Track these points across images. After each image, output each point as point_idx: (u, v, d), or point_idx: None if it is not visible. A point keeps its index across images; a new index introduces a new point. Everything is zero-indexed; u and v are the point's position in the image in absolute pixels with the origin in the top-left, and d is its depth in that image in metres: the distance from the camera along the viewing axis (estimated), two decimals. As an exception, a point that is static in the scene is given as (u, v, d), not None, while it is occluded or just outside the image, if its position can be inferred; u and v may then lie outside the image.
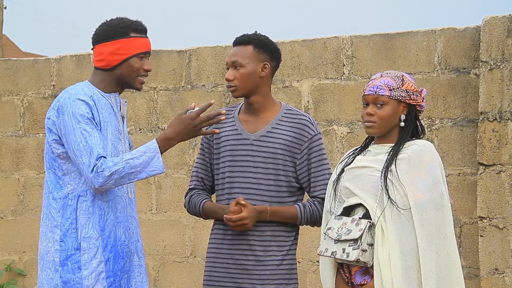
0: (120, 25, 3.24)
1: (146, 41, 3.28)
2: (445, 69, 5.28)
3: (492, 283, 4.97)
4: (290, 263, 3.31)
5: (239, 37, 3.35)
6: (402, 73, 3.19)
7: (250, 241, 3.25)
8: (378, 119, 3.11)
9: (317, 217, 3.28)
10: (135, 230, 3.27)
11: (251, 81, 3.29)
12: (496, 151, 4.98)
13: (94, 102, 3.15)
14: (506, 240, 4.95)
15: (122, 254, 3.18)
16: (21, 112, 6.46)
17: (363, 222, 3.02)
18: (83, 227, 3.12)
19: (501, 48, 5.01)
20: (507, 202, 4.97)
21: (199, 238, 5.90)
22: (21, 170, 6.42)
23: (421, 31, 5.36)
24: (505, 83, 4.99)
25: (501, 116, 4.99)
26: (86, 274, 3.10)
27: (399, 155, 3.07)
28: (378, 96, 3.12)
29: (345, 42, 5.54)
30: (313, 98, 5.59)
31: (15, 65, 6.51)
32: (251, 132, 3.31)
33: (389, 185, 3.02)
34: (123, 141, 3.25)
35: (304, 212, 3.28)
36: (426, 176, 3.03)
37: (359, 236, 3.00)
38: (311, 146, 3.30)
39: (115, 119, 3.23)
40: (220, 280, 3.29)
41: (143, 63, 3.24)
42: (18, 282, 6.36)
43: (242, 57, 3.28)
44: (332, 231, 3.07)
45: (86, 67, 6.26)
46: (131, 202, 3.26)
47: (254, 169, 3.26)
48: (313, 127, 3.32)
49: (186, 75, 5.98)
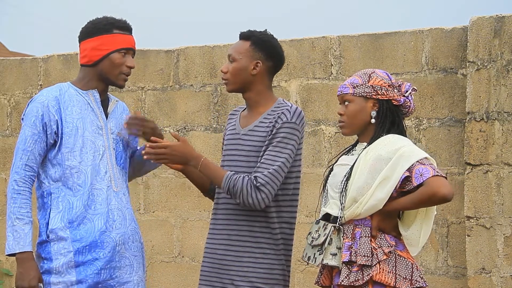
0: (104, 22, 3.31)
1: (129, 38, 3.32)
2: (433, 69, 5.29)
3: (479, 282, 4.99)
4: (272, 263, 3.20)
5: (243, 31, 3.32)
6: (374, 70, 3.20)
7: (230, 236, 3.23)
8: (346, 118, 3.15)
9: (237, 189, 3.10)
10: (122, 222, 3.30)
11: (242, 76, 3.26)
12: (483, 151, 5.00)
13: (59, 102, 3.26)
14: (493, 240, 4.97)
15: (102, 244, 3.23)
16: (8, 112, 6.44)
17: (328, 227, 3.07)
18: (52, 220, 3.24)
19: (488, 48, 5.03)
20: (494, 202, 4.99)
21: (187, 238, 5.89)
22: (8, 170, 6.39)
23: (409, 31, 5.37)
24: (492, 83, 5.00)
25: (488, 116, 5.01)
26: (55, 263, 3.22)
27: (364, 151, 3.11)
28: (343, 95, 3.17)
29: (333, 42, 5.55)
30: (301, 98, 5.60)
31: (2, 64, 6.49)
32: (242, 127, 3.29)
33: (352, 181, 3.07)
34: (105, 136, 3.31)
35: (229, 178, 3.12)
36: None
37: (323, 241, 3.05)
38: (278, 131, 3.16)
39: (93, 115, 3.30)
40: (207, 275, 3.28)
41: (125, 59, 3.30)
42: (5, 282, 6.34)
43: (237, 52, 3.26)
44: (310, 236, 3.14)
45: (74, 66, 6.24)
46: (116, 194, 3.30)
47: (239, 163, 3.23)
48: (288, 115, 3.18)
49: (174, 75, 5.97)
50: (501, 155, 4.98)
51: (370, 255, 3.01)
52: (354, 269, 3.03)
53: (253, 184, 3.10)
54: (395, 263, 3.04)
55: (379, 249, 3.03)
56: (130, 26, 3.35)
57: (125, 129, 3.36)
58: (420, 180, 3.01)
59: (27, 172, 3.23)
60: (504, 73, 4.99)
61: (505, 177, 4.95)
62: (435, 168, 3.05)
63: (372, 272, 3.00)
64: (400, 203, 3.05)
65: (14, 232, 3.19)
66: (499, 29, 5.03)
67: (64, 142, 3.24)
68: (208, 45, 5.92)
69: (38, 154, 3.24)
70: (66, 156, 3.24)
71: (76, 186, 3.24)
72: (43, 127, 3.24)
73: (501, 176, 4.97)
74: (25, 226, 3.19)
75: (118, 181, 3.32)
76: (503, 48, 5.00)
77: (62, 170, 3.25)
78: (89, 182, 3.25)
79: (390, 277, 3.01)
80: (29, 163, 3.23)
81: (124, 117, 3.40)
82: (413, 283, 3.04)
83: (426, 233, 3.12)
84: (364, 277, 3.00)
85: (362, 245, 3.03)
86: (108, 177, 3.28)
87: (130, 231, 3.33)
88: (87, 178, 3.25)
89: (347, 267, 3.04)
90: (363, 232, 3.05)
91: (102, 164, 3.28)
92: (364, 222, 3.07)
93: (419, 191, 3.01)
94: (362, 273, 3.01)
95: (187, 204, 5.91)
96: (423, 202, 3.03)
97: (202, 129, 5.88)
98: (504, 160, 4.97)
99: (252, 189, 3.10)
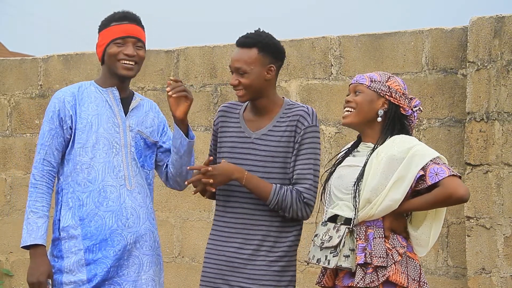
0: (106, 18, 3.33)
1: (126, 26, 3.30)
2: (433, 69, 5.29)
3: (479, 282, 4.99)
4: (284, 265, 3.22)
5: (243, 38, 3.25)
6: (393, 75, 3.21)
7: (243, 239, 3.22)
8: (354, 105, 3.13)
9: (287, 204, 3.16)
10: (136, 221, 3.28)
11: (258, 86, 3.22)
12: (483, 151, 5.00)
13: (76, 98, 3.28)
14: (493, 240, 4.97)
15: (112, 242, 3.23)
16: (8, 112, 6.44)
17: (342, 229, 3.04)
18: (63, 217, 3.24)
19: (488, 49, 5.03)
20: (494, 202, 4.98)
21: (187, 238, 5.89)
22: (8, 170, 6.40)
23: (409, 32, 5.37)
24: (492, 84, 5.00)
25: (488, 117, 5.01)
26: (67, 261, 3.22)
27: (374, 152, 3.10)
28: (358, 84, 3.16)
29: (333, 42, 5.55)
30: (301, 98, 5.59)
31: (2, 64, 6.48)
32: (253, 131, 3.27)
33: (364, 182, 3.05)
34: (122, 134, 3.30)
35: (277, 193, 3.15)
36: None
37: (337, 243, 3.02)
38: (304, 137, 3.20)
39: (110, 112, 3.30)
40: (211, 277, 3.26)
41: (122, 48, 3.28)
42: (5, 282, 6.33)
43: (247, 63, 3.20)
44: (318, 238, 3.11)
45: (74, 66, 6.24)
46: (130, 193, 3.28)
47: (254, 168, 3.21)
48: (309, 118, 3.21)
49: (174, 75, 5.96)
50: (501, 155, 4.98)
51: (385, 256, 3.00)
52: (368, 270, 3.01)
53: (301, 199, 3.17)
54: (406, 264, 3.04)
55: (394, 250, 3.03)
56: (130, 15, 3.32)
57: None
58: (435, 180, 3.00)
59: (45, 166, 3.25)
60: (504, 73, 4.99)
61: (505, 177, 4.95)
62: (449, 167, 3.04)
63: (388, 273, 2.99)
64: (414, 203, 3.04)
65: (28, 225, 3.21)
66: (499, 29, 5.03)
67: (77, 137, 3.26)
68: (208, 45, 5.92)
69: (56, 149, 3.27)
70: (78, 151, 3.26)
71: (85, 182, 3.24)
72: (59, 122, 3.27)
73: (501, 176, 4.97)
74: (38, 220, 3.21)
75: (134, 179, 3.30)
76: (503, 48, 5.00)
77: (73, 165, 3.26)
78: (100, 179, 3.24)
79: (403, 278, 3.01)
80: (47, 157, 3.26)
81: (150, 115, 3.40)
82: (421, 285, 3.04)
83: (436, 233, 3.11)
84: (379, 278, 2.99)
85: (376, 246, 3.01)
86: (122, 175, 3.28)
87: (144, 230, 3.30)
88: (98, 174, 3.24)
89: (361, 268, 3.02)
90: (376, 233, 3.04)
91: (116, 161, 3.27)
92: (376, 223, 3.06)
93: (435, 192, 2.99)
94: (376, 274, 3.00)
95: (187, 204, 5.91)
96: (438, 203, 3.01)
97: (202, 129, 5.88)
98: (504, 160, 4.97)
99: (302, 204, 3.18)
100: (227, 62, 5.84)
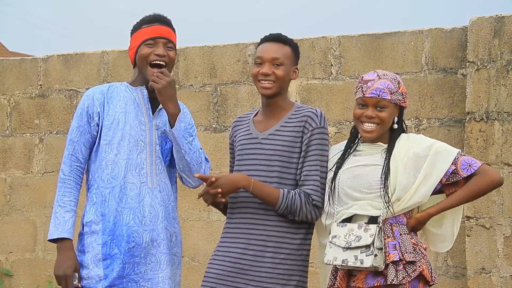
0: (138, 21, 3.39)
1: (156, 28, 3.34)
2: (432, 69, 5.29)
3: (479, 282, 4.99)
4: (289, 268, 3.20)
5: (276, 34, 3.29)
6: (395, 74, 3.22)
7: (249, 240, 3.21)
8: (380, 122, 3.12)
9: (297, 208, 3.17)
10: (153, 219, 3.30)
11: (286, 81, 3.27)
12: (483, 151, 5.00)
13: (105, 95, 3.33)
14: (493, 240, 4.97)
15: (128, 238, 3.25)
16: (8, 112, 6.44)
17: (372, 228, 3.03)
18: (87, 213, 3.30)
19: (488, 49, 5.03)
20: (494, 202, 4.98)
21: (186, 238, 5.89)
22: (7, 170, 6.40)
23: (409, 31, 5.38)
24: (491, 83, 5.00)
25: (488, 116, 5.01)
26: (87, 256, 3.27)
27: (393, 150, 3.11)
28: (380, 99, 3.12)
29: (333, 42, 5.55)
30: (301, 98, 5.59)
31: (2, 64, 6.48)
32: (260, 131, 3.29)
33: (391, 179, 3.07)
34: (147, 132, 3.32)
35: (286, 197, 3.16)
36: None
37: (371, 241, 3.00)
38: (311, 139, 3.22)
39: (138, 110, 3.33)
40: (214, 277, 3.26)
41: (153, 49, 3.31)
42: (5, 282, 6.34)
43: (284, 57, 3.25)
44: (339, 239, 3.06)
45: (73, 66, 6.24)
46: (151, 191, 3.30)
47: (259, 167, 3.23)
48: (317, 120, 3.23)
49: (173, 75, 5.96)
50: (501, 155, 4.98)
51: (413, 251, 3.04)
52: (399, 267, 3.02)
53: (310, 201, 3.18)
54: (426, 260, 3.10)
55: (419, 245, 3.08)
56: (161, 17, 3.37)
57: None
58: (470, 171, 3.06)
59: (73, 162, 3.30)
60: (504, 73, 4.99)
61: (505, 177, 4.95)
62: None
63: (418, 268, 3.03)
64: (457, 198, 3.09)
65: (55, 219, 3.25)
66: (499, 29, 5.03)
67: (103, 134, 3.30)
68: (208, 45, 5.92)
69: (83, 145, 3.31)
70: (104, 148, 3.29)
71: (109, 178, 3.28)
72: (88, 119, 3.31)
73: (501, 176, 4.97)
74: (66, 214, 3.24)
75: (156, 177, 3.32)
76: (503, 48, 5.00)
77: (99, 162, 3.30)
78: (122, 175, 3.27)
79: (430, 272, 3.08)
80: (75, 153, 3.30)
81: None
82: (433, 280, 3.09)
83: (458, 227, 3.18)
84: (410, 274, 3.01)
85: (404, 242, 3.05)
86: (144, 172, 3.30)
87: (161, 229, 3.32)
88: (121, 171, 3.27)
89: (393, 266, 3.02)
90: (401, 229, 3.07)
91: (139, 159, 3.30)
92: (399, 219, 3.08)
93: (476, 181, 3.06)
94: (406, 270, 3.02)
95: (187, 204, 5.91)
96: (483, 191, 3.09)
97: (202, 129, 5.88)
98: (504, 160, 4.97)
99: (310, 206, 3.19)
100: (227, 62, 5.84)
